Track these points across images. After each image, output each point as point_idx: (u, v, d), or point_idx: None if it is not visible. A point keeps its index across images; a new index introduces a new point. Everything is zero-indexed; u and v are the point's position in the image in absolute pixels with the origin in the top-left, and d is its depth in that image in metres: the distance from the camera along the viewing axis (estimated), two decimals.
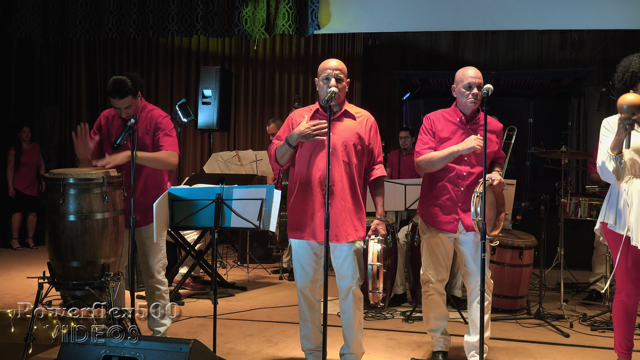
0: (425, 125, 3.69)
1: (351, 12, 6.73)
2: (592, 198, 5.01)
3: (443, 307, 3.76)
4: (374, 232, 3.43)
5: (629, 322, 3.28)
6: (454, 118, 3.63)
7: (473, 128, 3.59)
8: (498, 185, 3.46)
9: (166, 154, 3.70)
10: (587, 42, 8.86)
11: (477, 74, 3.55)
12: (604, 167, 3.16)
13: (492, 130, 3.63)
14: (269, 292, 5.75)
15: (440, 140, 3.61)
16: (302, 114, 3.46)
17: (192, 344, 2.76)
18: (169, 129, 3.78)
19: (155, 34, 7.18)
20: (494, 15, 6.49)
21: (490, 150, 3.61)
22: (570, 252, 5.80)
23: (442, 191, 3.59)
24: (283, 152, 3.35)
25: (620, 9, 6.10)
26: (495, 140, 3.65)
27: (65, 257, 3.32)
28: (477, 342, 3.64)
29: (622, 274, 3.23)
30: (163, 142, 3.72)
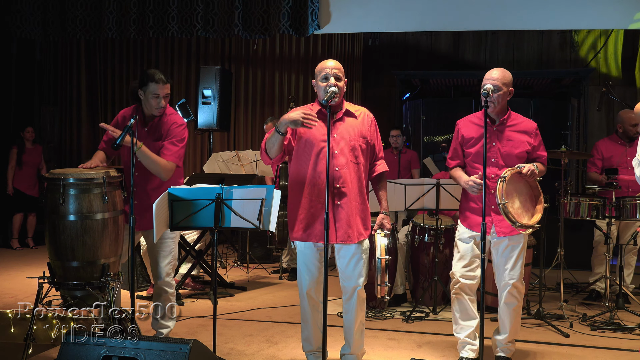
0: (455, 132, 3.80)
1: (351, 12, 6.72)
2: (592, 198, 5.01)
3: (471, 309, 3.69)
4: (379, 226, 3.43)
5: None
6: (481, 120, 3.58)
7: (500, 129, 3.61)
8: (528, 174, 3.43)
9: (165, 164, 3.65)
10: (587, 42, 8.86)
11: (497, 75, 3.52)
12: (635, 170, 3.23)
13: (522, 130, 3.63)
14: (269, 292, 5.75)
15: (468, 143, 3.67)
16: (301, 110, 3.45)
17: (192, 344, 2.77)
18: (179, 138, 3.74)
19: (155, 34, 7.17)
20: (494, 15, 6.48)
21: (520, 150, 3.59)
22: (570, 252, 5.81)
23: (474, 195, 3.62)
24: (273, 141, 3.28)
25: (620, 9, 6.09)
26: (527, 139, 3.62)
27: (65, 257, 3.32)
28: (503, 340, 3.71)
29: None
30: (165, 150, 3.68)
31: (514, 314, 3.66)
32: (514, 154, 3.58)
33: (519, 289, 3.63)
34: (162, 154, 3.68)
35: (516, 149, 3.59)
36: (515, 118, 3.66)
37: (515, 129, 3.62)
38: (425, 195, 4.89)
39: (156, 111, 3.73)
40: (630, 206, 4.79)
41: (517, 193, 3.47)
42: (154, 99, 3.68)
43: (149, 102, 3.70)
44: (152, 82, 3.67)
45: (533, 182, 3.53)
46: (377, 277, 3.36)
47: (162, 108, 3.72)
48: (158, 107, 3.71)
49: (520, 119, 3.67)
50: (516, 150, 3.59)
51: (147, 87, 3.68)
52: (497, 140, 3.61)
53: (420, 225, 5.09)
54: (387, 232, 3.42)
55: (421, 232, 5.07)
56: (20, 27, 7.25)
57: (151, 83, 3.67)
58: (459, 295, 3.68)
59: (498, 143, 3.61)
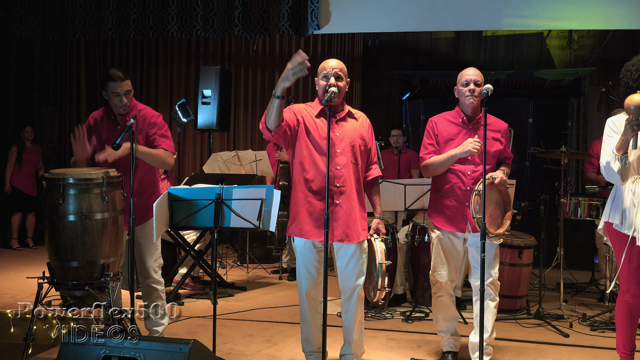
0: (427, 128, 3.74)
1: (351, 12, 6.72)
2: (591, 198, 5.01)
3: (452, 308, 3.77)
4: (375, 231, 3.44)
5: (633, 322, 3.26)
6: (456, 119, 3.65)
7: (475, 127, 3.61)
8: (500, 183, 3.45)
9: (164, 153, 3.70)
10: (587, 42, 8.86)
11: (475, 72, 3.59)
12: (608, 167, 3.16)
13: (495, 129, 3.64)
14: (269, 292, 5.75)
15: (444, 141, 3.63)
16: (305, 108, 3.46)
17: (192, 344, 2.76)
18: (165, 129, 3.78)
19: (155, 34, 7.16)
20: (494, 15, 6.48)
21: (494, 149, 3.62)
22: (570, 252, 5.81)
23: (448, 192, 3.62)
24: (271, 109, 3.14)
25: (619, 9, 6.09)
26: (499, 139, 3.65)
27: (65, 257, 3.32)
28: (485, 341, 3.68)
29: (626, 275, 3.22)
30: (160, 142, 3.71)
31: (493, 312, 3.65)
32: (490, 152, 3.59)
33: (497, 286, 3.65)
34: (158, 146, 3.71)
35: (491, 147, 3.60)
36: (488, 117, 3.65)
37: (489, 128, 3.61)
38: (425, 195, 4.89)
39: (121, 110, 3.69)
40: None
41: (488, 202, 3.44)
42: (115, 98, 3.65)
43: (112, 101, 3.68)
44: (110, 81, 3.61)
45: (504, 190, 3.54)
46: (378, 282, 3.34)
47: (126, 106, 3.67)
48: (121, 106, 3.67)
49: (492, 119, 3.68)
50: (492, 149, 3.60)
51: (106, 87, 3.65)
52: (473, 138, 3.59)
53: (420, 225, 5.09)
54: (383, 237, 3.42)
55: (421, 232, 5.07)
56: (19, 27, 7.24)
57: (109, 82, 3.62)
58: (442, 296, 3.72)
59: None
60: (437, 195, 3.70)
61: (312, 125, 3.37)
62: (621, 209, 3.21)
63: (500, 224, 3.52)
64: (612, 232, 3.29)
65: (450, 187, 3.61)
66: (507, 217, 3.54)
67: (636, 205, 3.15)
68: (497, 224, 3.50)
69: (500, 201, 3.55)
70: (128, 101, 3.68)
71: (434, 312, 3.82)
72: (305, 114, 3.41)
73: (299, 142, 3.38)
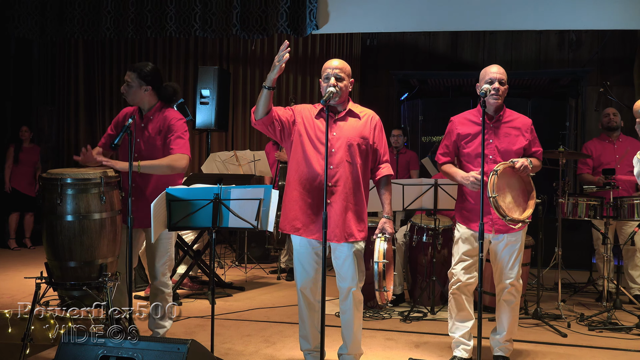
0: (448, 128, 3.77)
1: (349, 12, 6.72)
2: (589, 198, 5.01)
3: (467, 310, 3.70)
4: (381, 230, 3.36)
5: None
6: (477, 118, 3.62)
7: (496, 126, 3.60)
8: (521, 168, 3.43)
9: (171, 159, 3.65)
10: (585, 42, 8.88)
11: (500, 70, 3.57)
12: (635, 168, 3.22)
13: (518, 126, 3.64)
14: (267, 292, 5.75)
15: (465, 140, 3.64)
16: (307, 108, 3.47)
17: (190, 344, 2.76)
18: (182, 131, 3.77)
19: (153, 34, 7.16)
20: (492, 15, 6.49)
21: (517, 147, 3.60)
22: (568, 252, 5.82)
23: (470, 192, 3.62)
24: (259, 97, 3.24)
25: (618, 9, 6.10)
26: (523, 136, 3.63)
27: (63, 258, 3.32)
28: (501, 339, 3.72)
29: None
30: (174, 144, 3.71)
31: (512, 312, 3.68)
32: (512, 150, 3.58)
33: (517, 287, 3.64)
34: (171, 149, 3.70)
35: (513, 145, 3.59)
36: (510, 114, 3.66)
37: (511, 125, 3.62)
38: (423, 195, 4.90)
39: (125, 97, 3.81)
40: (627, 206, 4.80)
41: (510, 188, 3.46)
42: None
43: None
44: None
45: (526, 178, 3.52)
46: (375, 283, 3.28)
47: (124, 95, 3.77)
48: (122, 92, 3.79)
49: (515, 115, 3.68)
50: (514, 147, 3.59)
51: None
52: (494, 137, 3.60)
53: (418, 225, 5.10)
54: (387, 236, 3.34)
55: (419, 232, 5.07)
56: (18, 26, 7.24)
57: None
58: (457, 295, 3.69)
59: (495, 140, 3.60)
60: (461, 194, 3.74)
61: (310, 124, 3.38)
62: None
63: (523, 210, 3.48)
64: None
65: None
66: (530, 205, 3.49)
67: None
68: (518, 210, 3.46)
69: (522, 188, 3.52)
70: (126, 92, 3.75)
71: (449, 311, 3.77)
72: (306, 114, 3.42)
73: (295, 141, 3.39)
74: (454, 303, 3.71)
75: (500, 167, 3.39)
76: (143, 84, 3.73)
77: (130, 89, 3.73)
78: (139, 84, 3.73)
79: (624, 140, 5.60)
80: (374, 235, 3.37)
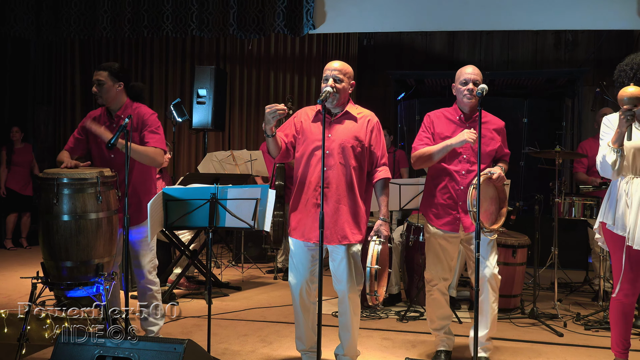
0: (425, 122, 3.74)
1: (346, 12, 6.72)
2: (586, 198, 5.03)
3: (446, 307, 3.78)
4: (376, 233, 3.32)
5: (626, 321, 3.28)
6: (453, 116, 3.65)
7: (472, 126, 3.60)
8: (497, 179, 3.45)
9: (154, 151, 3.70)
10: (581, 43, 8.89)
11: (475, 70, 3.58)
12: (604, 160, 3.17)
13: (492, 128, 3.65)
14: (264, 292, 5.75)
15: (440, 138, 3.62)
16: (306, 111, 3.48)
17: (187, 344, 2.76)
18: (156, 126, 3.78)
19: (150, 33, 7.15)
20: (489, 15, 6.49)
21: (491, 148, 3.62)
22: (564, 251, 5.83)
23: (442, 190, 3.62)
24: (268, 144, 3.35)
25: (614, 10, 6.11)
26: (497, 137, 3.65)
27: (59, 257, 3.31)
28: (483, 337, 3.69)
29: (620, 274, 3.24)
30: (149, 139, 3.72)
31: (492, 307, 3.64)
32: (486, 151, 3.59)
33: (497, 281, 3.64)
34: (147, 143, 3.71)
35: (487, 146, 3.60)
36: (485, 115, 3.65)
37: (486, 126, 3.62)
38: (420, 195, 4.90)
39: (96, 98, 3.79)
40: None
41: (484, 198, 3.47)
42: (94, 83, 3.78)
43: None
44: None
45: (500, 187, 3.55)
46: (367, 286, 3.25)
47: (97, 95, 3.76)
48: (94, 93, 3.78)
49: (489, 117, 3.69)
50: (488, 148, 3.60)
51: None
52: None
53: (414, 225, 5.10)
54: (382, 240, 3.29)
55: (416, 231, 5.08)
56: (14, 26, 7.21)
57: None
58: (435, 295, 3.72)
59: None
60: (431, 194, 3.70)
61: (308, 127, 3.40)
62: (615, 209, 3.22)
63: (495, 220, 3.54)
64: (606, 232, 3.31)
65: (444, 185, 3.61)
66: (502, 214, 3.56)
67: (629, 206, 3.16)
68: (492, 219, 3.53)
69: (496, 197, 3.57)
70: (99, 92, 3.74)
71: (428, 310, 3.83)
72: (304, 117, 3.45)
73: (297, 145, 3.44)
74: (434, 303, 3.74)
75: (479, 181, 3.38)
76: (116, 81, 3.76)
77: (103, 88, 3.74)
78: (112, 81, 3.75)
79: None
80: (369, 237, 3.35)
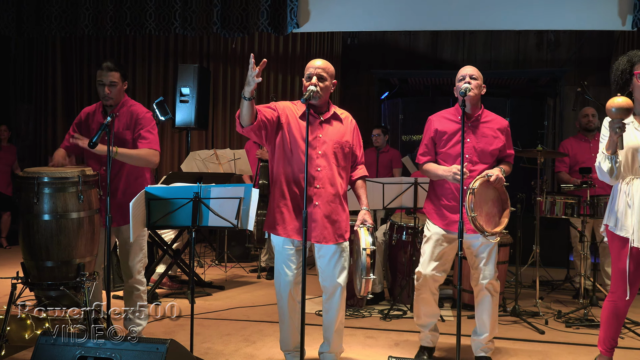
0: (426, 127, 3.76)
1: (330, 11, 6.72)
2: (567, 197, 5.08)
3: (434, 305, 3.77)
4: (362, 221, 3.39)
5: (617, 322, 3.30)
6: (455, 116, 3.62)
7: (474, 125, 3.61)
8: (496, 181, 3.43)
9: (147, 152, 3.68)
10: (563, 43, 8.98)
11: (473, 69, 3.59)
12: (599, 167, 3.22)
13: (495, 127, 3.65)
14: (247, 291, 5.74)
15: (443, 139, 3.63)
16: (290, 108, 3.44)
17: (169, 344, 2.75)
18: (150, 126, 3.77)
19: (133, 31, 7.10)
20: (472, 15, 6.54)
21: (494, 147, 3.62)
22: (546, 250, 5.89)
23: (446, 191, 3.62)
24: (242, 109, 3.13)
25: (595, 11, 6.18)
26: (500, 136, 3.65)
27: (40, 257, 3.28)
28: (484, 340, 3.71)
29: (617, 276, 3.25)
30: (144, 139, 3.71)
31: (493, 311, 3.69)
32: (488, 150, 3.60)
33: (495, 286, 3.66)
34: (141, 143, 3.71)
35: (490, 145, 3.61)
36: (488, 115, 3.68)
37: (489, 125, 3.64)
38: (403, 194, 4.92)
39: (104, 100, 3.73)
40: (604, 204, 4.86)
41: (485, 201, 3.45)
42: (100, 87, 3.72)
43: (98, 91, 3.75)
44: (99, 69, 3.72)
45: (500, 188, 3.53)
46: (362, 271, 3.22)
47: (107, 97, 3.70)
48: (103, 96, 3.71)
49: (493, 116, 3.70)
50: (490, 147, 3.60)
51: (97, 75, 3.74)
52: (472, 136, 3.60)
53: (398, 224, 5.12)
54: (369, 226, 3.33)
55: (399, 230, 5.10)
56: None
57: (98, 71, 3.72)
58: (425, 293, 3.70)
59: (473, 139, 3.60)
60: (434, 193, 3.71)
61: (295, 125, 3.36)
62: (616, 210, 3.24)
63: (497, 222, 3.48)
64: (608, 234, 3.32)
65: (448, 186, 3.61)
66: (505, 215, 3.50)
67: (630, 207, 3.18)
68: (494, 222, 3.47)
69: (497, 199, 3.51)
70: (111, 93, 3.69)
71: (416, 307, 3.80)
72: (290, 113, 3.40)
73: (280, 141, 3.37)
74: (423, 301, 3.73)
75: (476, 185, 3.37)
76: (123, 81, 3.77)
77: (115, 89, 3.71)
78: (122, 81, 3.75)
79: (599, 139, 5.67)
80: (356, 226, 3.38)
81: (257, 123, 3.21)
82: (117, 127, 3.73)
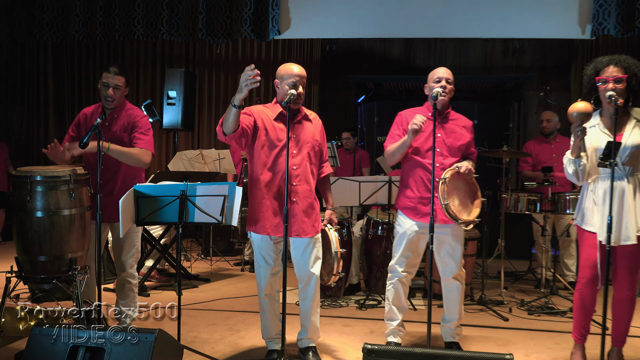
0: (396, 121, 3.76)
1: (310, 19, 6.74)
2: (530, 194, 5.17)
3: (404, 299, 3.73)
4: (329, 221, 3.54)
5: (585, 311, 3.34)
6: (425, 113, 3.61)
7: (444, 121, 3.64)
8: (466, 172, 3.48)
9: (139, 151, 3.67)
10: (527, 50, 9.10)
11: (447, 71, 3.62)
12: (565, 170, 3.31)
13: (463, 124, 3.70)
14: (231, 283, 5.75)
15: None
16: (263, 111, 3.45)
17: (157, 334, 2.76)
18: (145, 128, 3.77)
19: (121, 37, 7.04)
20: (443, 23, 6.60)
21: (461, 142, 3.64)
22: (510, 243, 5.99)
23: (417, 184, 3.60)
24: (228, 116, 3.13)
25: (557, 20, 6.27)
26: (467, 134, 3.68)
27: (33, 252, 3.27)
28: (453, 325, 3.72)
29: (583, 267, 3.30)
30: (137, 139, 3.71)
31: (461, 298, 3.71)
32: (457, 145, 3.63)
33: (462, 275, 3.70)
34: (135, 144, 3.70)
35: (458, 141, 3.65)
36: (454, 114, 3.73)
37: (457, 122, 3.69)
38: (378, 192, 4.97)
39: (105, 102, 3.71)
40: (564, 201, 4.96)
41: (457, 191, 3.50)
42: (104, 88, 3.70)
43: (101, 92, 3.73)
44: (104, 71, 3.71)
45: (470, 179, 3.57)
46: (334, 267, 3.45)
47: (110, 98, 3.69)
48: (106, 96, 3.69)
49: (458, 115, 3.75)
50: (458, 143, 3.64)
51: (101, 77, 3.72)
52: (442, 132, 3.62)
53: (373, 220, 5.17)
54: (336, 226, 3.54)
55: (374, 225, 5.15)
56: None
57: (104, 72, 3.71)
58: (397, 287, 3.69)
59: (443, 134, 3.62)
60: (406, 186, 3.67)
61: (271, 127, 3.39)
62: (583, 207, 3.31)
63: (470, 211, 3.50)
64: (577, 227, 3.38)
65: (419, 179, 3.59)
66: (476, 205, 3.53)
67: (596, 204, 3.24)
68: (467, 210, 3.49)
69: (468, 190, 3.55)
70: (114, 95, 3.69)
71: (387, 301, 3.76)
72: (265, 116, 3.42)
73: (257, 143, 3.39)
74: (394, 294, 3.70)
75: (447, 175, 3.42)
76: (126, 87, 3.77)
77: (119, 92, 3.70)
78: (125, 87, 3.76)
79: (560, 141, 5.78)
80: (323, 225, 3.53)
81: (239, 131, 3.22)
82: (115, 129, 3.72)
